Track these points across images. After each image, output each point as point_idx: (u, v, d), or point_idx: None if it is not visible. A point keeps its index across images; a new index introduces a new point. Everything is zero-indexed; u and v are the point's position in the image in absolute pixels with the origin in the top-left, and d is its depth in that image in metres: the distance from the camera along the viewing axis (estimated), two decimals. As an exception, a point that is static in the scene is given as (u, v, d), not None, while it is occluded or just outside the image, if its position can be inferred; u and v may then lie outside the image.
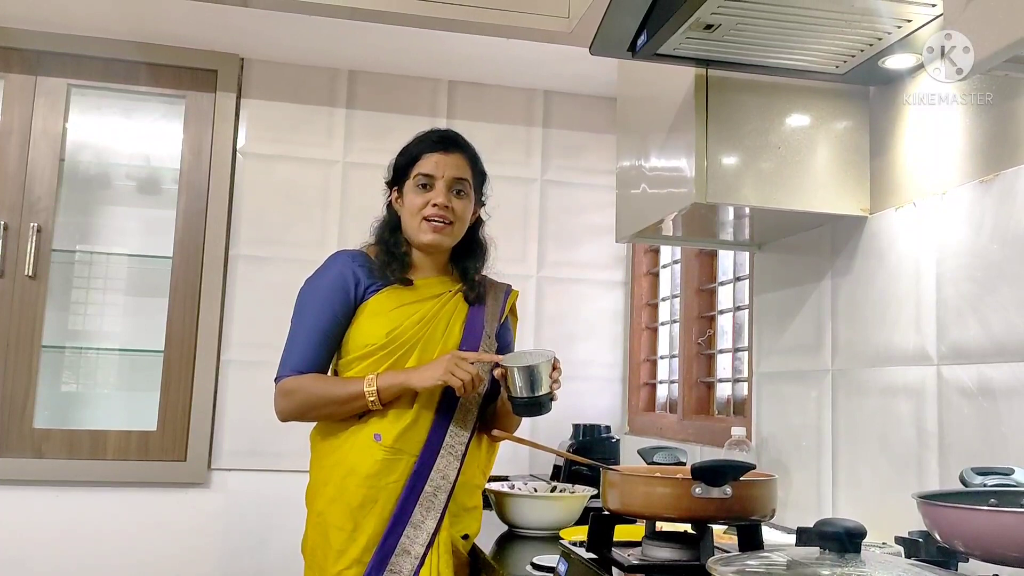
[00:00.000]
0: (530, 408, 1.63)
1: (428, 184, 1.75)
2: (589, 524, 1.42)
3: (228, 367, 2.81)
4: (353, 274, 1.74)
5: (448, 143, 1.79)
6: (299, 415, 1.71)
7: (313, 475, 1.76)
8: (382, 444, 1.67)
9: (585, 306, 3.13)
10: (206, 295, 2.80)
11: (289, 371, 1.70)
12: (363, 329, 1.72)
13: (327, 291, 1.73)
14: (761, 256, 2.18)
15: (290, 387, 1.70)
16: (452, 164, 1.77)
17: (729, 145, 1.71)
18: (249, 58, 2.91)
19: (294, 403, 1.69)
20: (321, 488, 1.71)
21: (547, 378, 1.62)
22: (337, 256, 1.79)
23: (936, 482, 1.50)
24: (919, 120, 1.63)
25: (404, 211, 1.77)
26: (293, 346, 1.72)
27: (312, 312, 1.73)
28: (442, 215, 1.73)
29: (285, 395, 1.70)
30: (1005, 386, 1.37)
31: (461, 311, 1.78)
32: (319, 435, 1.76)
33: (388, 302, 1.73)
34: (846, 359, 1.80)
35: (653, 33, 1.52)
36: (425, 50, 2.80)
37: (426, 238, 1.75)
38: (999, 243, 1.40)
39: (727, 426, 2.20)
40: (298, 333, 1.73)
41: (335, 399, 1.68)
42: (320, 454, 1.75)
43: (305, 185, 2.94)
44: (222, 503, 2.77)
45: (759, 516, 1.31)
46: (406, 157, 1.79)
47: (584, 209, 3.16)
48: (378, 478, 1.66)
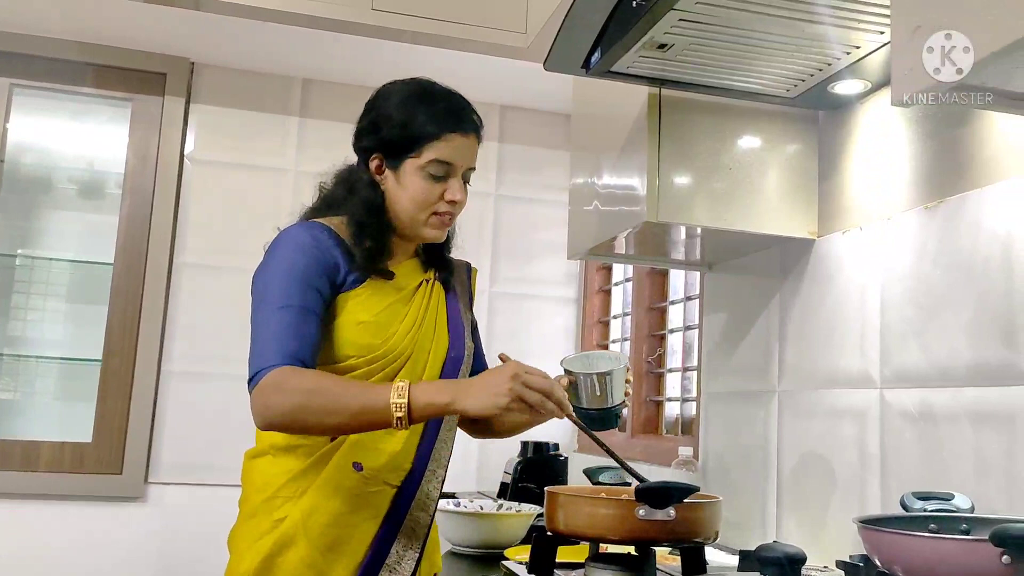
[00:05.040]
0: (605, 421, 1.41)
1: (445, 174, 1.39)
2: (532, 545, 1.39)
3: (169, 378, 2.74)
4: (336, 255, 1.36)
5: (470, 123, 1.42)
6: (291, 420, 1.24)
7: (248, 509, 1.39)
8: (363, 474, 1.35)
9: (538, 323, 3.12)
10: (148, 303, 2.73)
11: (281, 359, 1.25)
12: (346, 334, 1.35)
13: (315, 266, 1.33)
14: (711, 276, 2.19)
15: (286, 380, 1.24)
16: (472, 150, 1.43)
17: (681, 165, 1.71)
18: (200, 62, 2.85)
19: (292, 401, 1.22)
20: (266, 529, 1.34)
21: (622, 384, 1.42)
22: (312, 227, 1.38)
23: (877, 505, 1.51)
24: (866, 145, 1.65)
25: (402, 195, 1.40)
26: (281, 329, 1.28)
27: (300, 287, 1.31)
28: (453, 211, 1.43)
29: (278, 390, 1.23)
30: (946, 411, 1.38)
31: (442, 306, 1.49)
32: (267, 457, 1.39)
33: (373, 301, 1.38)
34: (793, 381, 1.81)
35: (607, 50, 1.52)
36: (382, 61, 2.77)
37: (431, 234, 1.43)
38: (942, 269, 1.42)
39: (675, 445, 2.19)
40: (284, 314, 1.28)
41: (347, 407, 1.23)
42: (265, 483, 1.37)
43: (255, 194, 2.88)
44: (159, 519, 2.69)
45: (703, 538, 1.29)
46: (413, 130, 1.38)
47: (538, 225, 3.15)
48: (353, 515, 1.34)
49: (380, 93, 1.46)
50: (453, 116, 1.40)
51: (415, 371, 1.39)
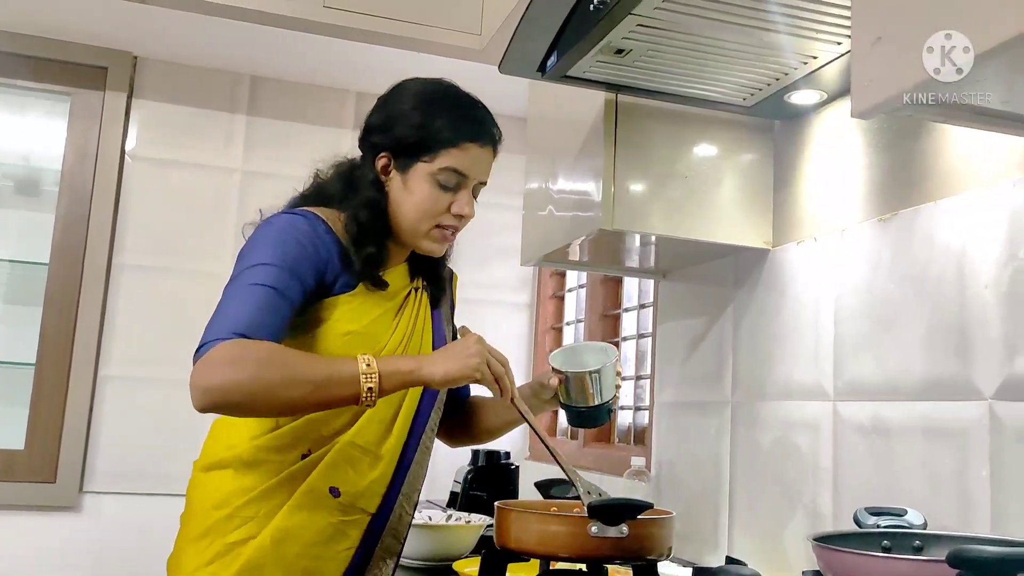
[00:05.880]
0: (596, 418, 1.38)
1: (456, 185, 1.31)
2: (480, 561, 1.35)
3: (106, 383, 2.64)
4: (327, 256, 1.24)
5: (489, 135, 1.34)
6: (245, 399, 1.10)
7: (197, 529, 1.26)
8: (340, 500, 1.25)
9: (491, 328, 3.04)
10: (85, 305, 2.63)
11: (234, 334, 1.12)
12: (331, 345, 1.24)
13: (307, 259, 1.22)
14: (666, 284, 2.17)
15: (236, 351, 1.10)
16: (487, 164, 1.34)
17: (637, 172, 1.69)
18: (143, 56, 2.76)
19: (245, 374, 1.09)
20: (219, 551, 1.22)
21: (612, 379, 1.38)
22: (311, 218, 1.26)
23: (830, 519, 1.50)
24: (822, 156, 1.64)
25: (406, 200, 1.30)
26: (247, 307, 1.15)
27: (284, 274, 1.18)
28: (458, 226, 1.34)
29: (231, 363, 1.09)
30: (899, 425, 1.38)
31: (428, 319, 1.39)
32: (227, 471, 1.26)
33: (363, 310, 1.27)
34: (746, 391, 1.80)
35: (563, 54, 1.49)
36: (333, 60, 2.71)
37: (430, 247, 1.34)
38: (896, 282, 1.41)
39: (627, 455, 2.17)
40: (257, 291, 1.16)
41: (311, 378, 1.12)
42: (222, 500, 1.25)
43: (200, 193, 2.79)
44: (95, 529, 2.59)
45: (656, 555, 1.27)
46: (429, 132, 1.29)
47: (493, 229, 3.11)
48: (328, 546, 1.24)
49: (398, 88, 1.37)
50: (474, 125, 1.32)
51: (398, 392, 1.27)
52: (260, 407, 1.15)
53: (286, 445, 1.26)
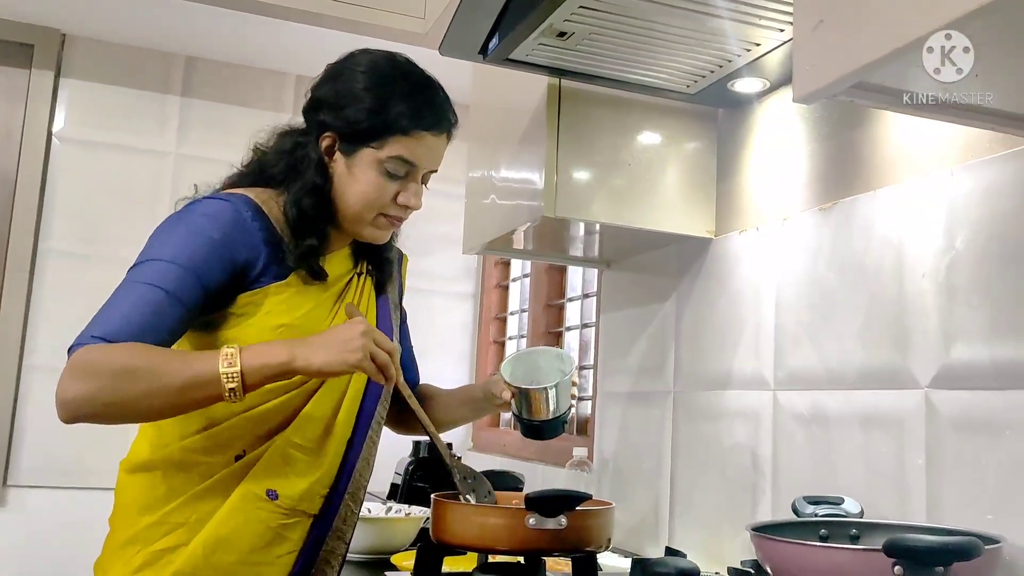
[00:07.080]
0: (550, 430, 1.35)
1: (405, 174, 1.23)
2: (416, 555, 1.32)
3: (32, 373, 2.54)
4: (251, 246, 1.15)
5: (445, 122, 1.26)
6: (102, 410, 1.04)
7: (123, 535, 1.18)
8: (278, 503, 1.17)
9: (434, 319, 3.03)
10: (9, 292, 2.53)
11: (103, 335, 1.04)
12: (265, 339, 1.13)
13: (219, 257, 1.12)
14: (609, 274, 2.16)
15: (92, 360, 1.02)
16: (440, 152, 1.27)
17: (580, 159, 1.67)
18: (72, 34, 2.66)
19: (98, 386, 1.01)
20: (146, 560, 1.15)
21: (568, 390, 1.35)
22: (240, 205, 1.16)
23: (769, 508, 1.50)
24: (765, 145, 1.64)
25: (350, 186, 1.21)
26: (123, 306, 1.07)
27: (182, 275, 1.10)
28: (404, 216, 1.27)
29: (81, 374, 1.02)
30: (837, 413, 1.38)
31: (372, 306, 1.32)
32: (154, 473, 1.18)
33: (297, 301, 1.19)
34: (688, 381, 1.79)
35: (505, 36, 1.46)
36: (272, 41, 2.64)
37: (373, 235, 1.26)
38: (835, 271, 1.41)
39: (570, 445, 2.15)
40: (146, 291, 1.08)
41: (170, 384, 1.04)
42: (148, 504, 1.17)
43: (132, 177, 2.70)
44: (20, 525, 2.50)
45: (595, 547, 1.25)
46: (381, 118, 1.20)
47: (436, 217, 3.04)
48: (266, 552, 1.16)
49: (350, 63, 1.25)
50: (430, 112, 1.23)
51: (339, 384, 1.22)
52: (125, 417, 1.07)
53: (219, 445, 1.17)
